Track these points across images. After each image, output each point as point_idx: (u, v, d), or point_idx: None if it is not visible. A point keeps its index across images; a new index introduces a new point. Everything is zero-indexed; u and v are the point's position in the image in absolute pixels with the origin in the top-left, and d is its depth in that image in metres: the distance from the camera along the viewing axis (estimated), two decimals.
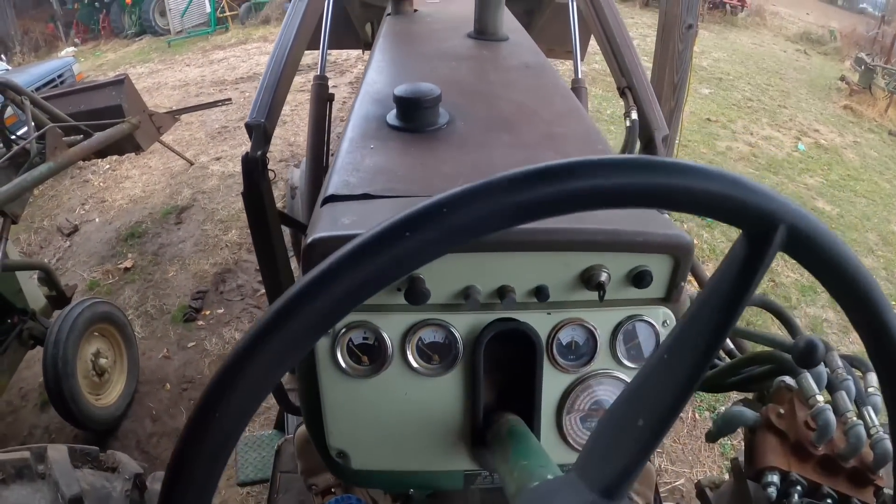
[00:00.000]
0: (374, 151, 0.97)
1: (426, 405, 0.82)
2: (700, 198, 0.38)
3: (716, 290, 0.42)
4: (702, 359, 0.42)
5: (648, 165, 0.38)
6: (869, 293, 0.41)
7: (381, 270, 0.37)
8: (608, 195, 0.37)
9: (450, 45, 1.61)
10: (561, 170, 0.37)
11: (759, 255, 0.40)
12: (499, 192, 0.37)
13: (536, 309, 0.78)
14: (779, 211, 0.39)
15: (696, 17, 3.07)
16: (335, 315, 0.37)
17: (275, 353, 0.36)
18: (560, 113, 1.18)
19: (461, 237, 0.37)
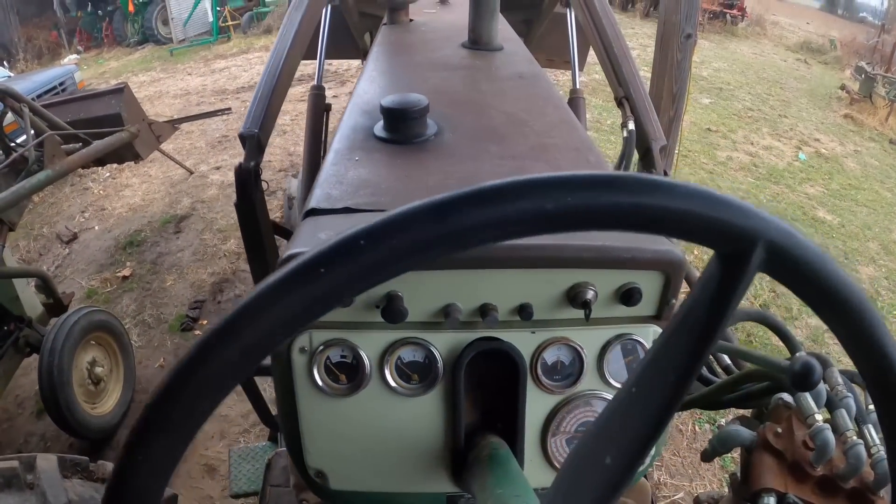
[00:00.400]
0: (358, 164, 0.95)
1: (406, 426, 0.80)
2: (666, 217, 0.33)
3: (687, 319, 0.38)
4: (673, 392, 0.38)
5: (607, 182, 0.33)
6: (864, 316, 0.37)
7: (290, 314, 0.33)
8: (558, 218, 0.33)
9: (443, 54, 1.60)
10: (501, 191, 0.33)
11: (734, 278, 0.35)
12: (426, 220, 0.33)
13: (520, 328, 0.76)
14: (755, 227, 0.34)
15: (695, 27, 3.06)
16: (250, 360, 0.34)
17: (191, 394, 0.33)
18: (552, 123, 1.16)
19: (378, 276, 0.33)
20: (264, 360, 0.35)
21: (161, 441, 0.33)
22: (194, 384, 0.33)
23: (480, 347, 0.76)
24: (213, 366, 0.33)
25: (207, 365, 0.33)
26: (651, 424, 0.39)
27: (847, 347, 0.39)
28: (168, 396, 0.33)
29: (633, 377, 0.41)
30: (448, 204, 0.33)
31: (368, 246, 0.33)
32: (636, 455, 0.39)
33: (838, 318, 0.37)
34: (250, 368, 0.34)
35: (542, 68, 1.60)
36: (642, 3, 15.85)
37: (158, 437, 0.33)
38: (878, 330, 0.37)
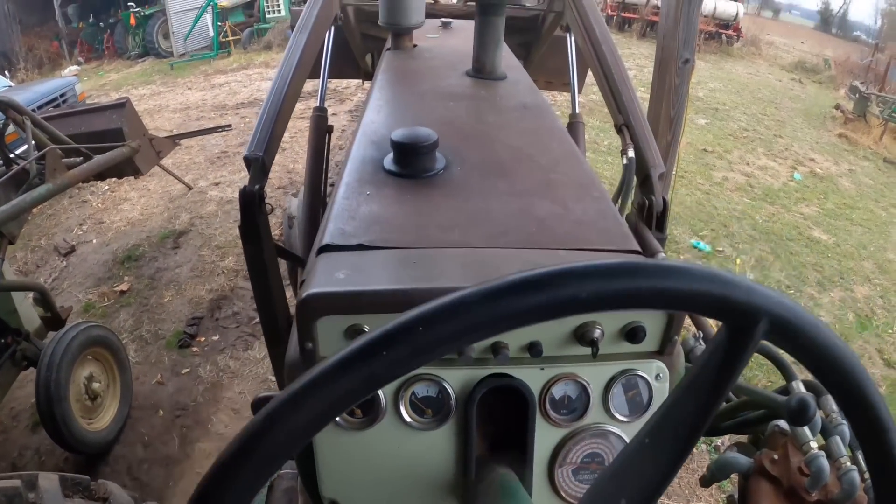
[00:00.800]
0: (370, 198, 0.97)
1: (418, 458, 0.81)
2: (682, 297, 0.39)
3: (698, 378, 0.42)
4: (683, 445, 0.42)
5: (629, 271, 0.39)
6: (856, 379, 0.41)
7: (352, 388, 0.37)
8: (591, 303, 0.38)
9: (448, 83, 1.62)
10: (539, 280, 0.38)
11: (741, 346, 0.40)
12: (477, 306, 0.37)
13: (529, 364, 0.78)
14: (760, 303, 0.39)
15: (693, 52, 3.10)
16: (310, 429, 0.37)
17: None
18: (556, 158, 1.19)
19: (430, 355, 0.37)
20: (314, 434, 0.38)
21: None
22: (259, 453, 0.36)
23: (492, 384, 0.78)
24: (281, 432, 0.36)
25: (273, 433, 0.36)
26: (662, 473, 0.43)
27: (842, 407, 0.43)
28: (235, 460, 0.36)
29: (647, 428, 0.44)
30: (496, 292, 0.37)
31: (426, 330, 0.37)
32: (648, 500, 0.43)
33: (834, 381, 0.41)
34: (309, 437, 0.38)
35: (544, 96, 1.63)
36: (639, 23, 16.03)
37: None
38: (868, 390, 0.42)
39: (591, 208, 0.99)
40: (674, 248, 5.34)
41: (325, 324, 0.72)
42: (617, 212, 1.01)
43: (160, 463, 3.10)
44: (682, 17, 3.03)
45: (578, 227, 0.93)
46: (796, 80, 15.00)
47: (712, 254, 5.38)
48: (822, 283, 5.29)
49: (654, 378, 0.80)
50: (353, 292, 0.73)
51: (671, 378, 0.80)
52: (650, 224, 1.46)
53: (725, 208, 6.39)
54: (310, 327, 0.72)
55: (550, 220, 0.94)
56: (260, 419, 0.36)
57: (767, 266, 5.34)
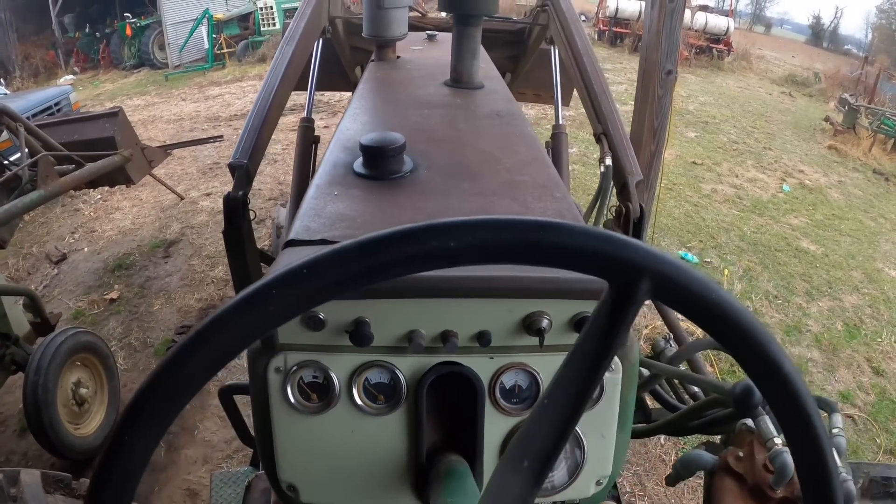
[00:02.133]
0: (337, 198, 1.01)
1: (372, 443, 0.84)
2: (566, 253, 0.40)
3: (587, 338, 0.44)
4: (576, 402, 0.44)
5: (512, 225, 0.40)
6: (745, 325, 0.42)
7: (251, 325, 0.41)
8: (473, 254, 0.40)
9: (425, 92, 1.66)
10: (420, 231, 0.41)
11: (625, 305, 0.42)
12: (356, 256, 0.41)
13: (479, 353, 0.81)
14: (641, 261, 0.40)
15: (676, 64, 3.16)
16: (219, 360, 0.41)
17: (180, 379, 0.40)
18: (523, 161, 1.22)
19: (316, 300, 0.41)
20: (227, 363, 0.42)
21: (147, 424, 0.41)
22: (175, 380, 0.40)
23: (441, 371, 0.81)
24: (192, 365, 0.40)
25: (186, 365, 0.40)
26: (558, 432, 0.45)
27: (737, 358, 0.44)
28: (157, 385, 0.40)
29: (546, 391, 0.46)
30: (374, 242, 0.41)
31: (310, 274, 0.41)
32: (546, 458, 0.45)
33: (725, 337, 0.43)
34: (219, 367, 0.42)
35: (520, 106, 1.66)
36: (630, 38, 16.17)
37: (148, 420, 0.40)
38: (761, 337, 0.42)
39: (550, 208, 1.02)
40: None
41: None
42: (577, 212, 1.04)
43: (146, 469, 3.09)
44: (664, 29, 3.09)
45: None
46: (787, 93, 15.15)
47: (700, 265, 5.42)
48: (811, 292, 5.33)
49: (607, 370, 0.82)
50: None
51: (624, 370, 0.83)
52: (627, 231, 1.49)
53: (714, 220, 6.44)
54: None
55: None
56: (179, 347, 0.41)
57: (755, 276, 5.39)
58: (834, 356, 4.54)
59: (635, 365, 0.84)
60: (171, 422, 0.41)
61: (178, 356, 0.40)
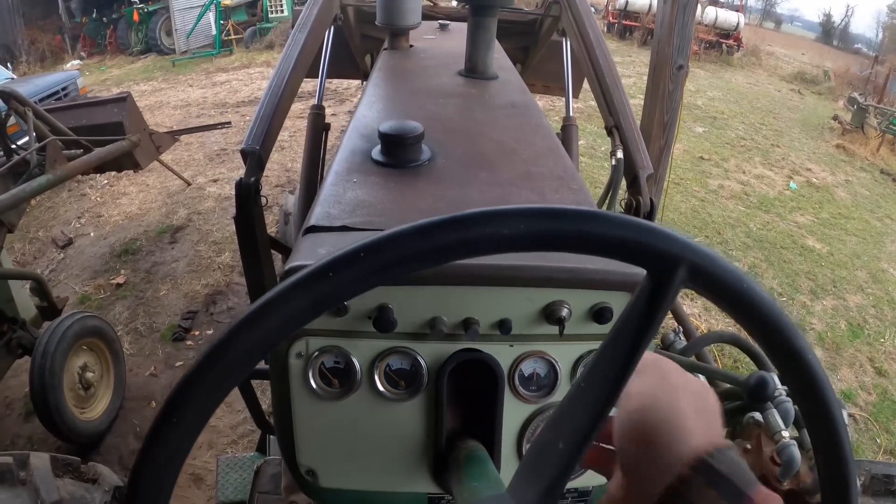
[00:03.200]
0: (356, 185, 1.01)
1: (392, 428, 0.85)
2: (607, 242, 0.42)
3: (625, 324, 0.46)
4: (612, 387, 0.46)
5: (558, 214, 0.42)
6: (774, 318, 0.44)
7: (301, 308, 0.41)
8: (515, 241, 0.41)
9: (440, 81, 1.66)
10: (472, 218, 0.42)
11: (662, 292, 0.44)
12: (412, 238, 0.42)
13: (499, 341, 0.82)
14: (679, 251, 0.42)
15: (687, 59, 3.14)
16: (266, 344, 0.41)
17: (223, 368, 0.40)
18: (539, 152, 1.22)
19: (373, 282, 0.42)
20: (265, 356, 0.42)
21: (190, 413, 0.40)
22: (216, 371, 0.40)
23: (462, 358, 0.81)
24: (236, 351, 0.40)
25: (229, 351, 0.40)
26: (594, 414, 0.46)
27: (765, 350, 0.46)
28: (197, 376, 0.40)
29: (582, 375, 0.48)
30: (430, 227, 0.42)
31: (367, 257, 0.41)
32: (582, 441, 0.46)
33: (754, 325, 0.44)
34: (261, 357, 0.42)
35: (534, 98, 1.66)
36: (640, 31, 16.10)
37: (189, 408, 0.40)
38: (790, 332, 0.45)
39: (568, 199, 1.02)
40: None
41: None
42: (593, 202, 1.04)
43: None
44: (676, 23, 3.08)
45: None
46: (795, 90, 15.08)
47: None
48: (815, 291, 5.33)
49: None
50: None
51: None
52: None
53: (720, 216, 6.43)
54: None
55: None
56: (225, 333, 0.41)
57: (760, 273, 5.38)
58: (837, 355, 4.54)
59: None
60: (220, 401, 0.42)
61: (231, 336, 0.40)
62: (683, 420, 0.48)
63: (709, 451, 0.45)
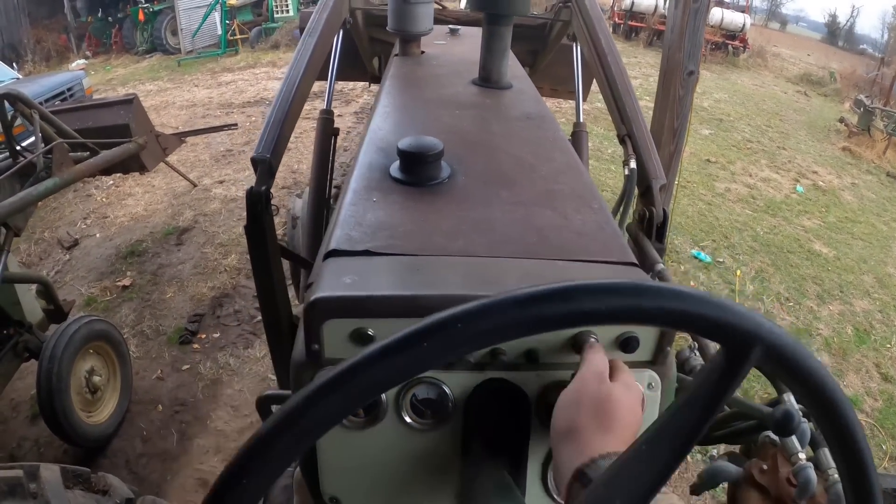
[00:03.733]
0: (376, 205, 0.99)
1: (418, 458, 0.83)
2: (687, 318, 0.44)
3: (695, 395, 0.47)
4: (677, 454, 0.46)
5: (646, 291, 0.44)
6: (839, 409, 0.46)
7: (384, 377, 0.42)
8: (604, 316, 0.43)
9: (454, 91, 1.64)
10: (557, 293, 0.43)
11: (736, 368, 0.45)
12: (492, 315, 0.43)
13: (526, 370, 0.80)
14: (755, 331, 0.44)
15: (698, 64, 3.13)
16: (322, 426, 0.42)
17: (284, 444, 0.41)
18: (558, 169, 1.21)
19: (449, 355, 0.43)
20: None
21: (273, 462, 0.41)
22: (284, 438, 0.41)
23: (489, 387, 0.80)
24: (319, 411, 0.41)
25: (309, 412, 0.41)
26: (656, 478, 0.47)
27: (825, 435, 0.48)
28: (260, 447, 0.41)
29: (645, 436, 0.48)
30: (528, 299, 0.43)
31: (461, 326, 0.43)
32: (642, 502, 0.47)
33: (818, 411, 0.46)
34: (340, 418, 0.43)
35: (547, 106, 1.64)
36: (646, 32, 16.06)
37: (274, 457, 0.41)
38: (851, 425, 0.47)
39: (590, 220, 1.01)
40: (674, 258, 5.36)
41: (331, 326, 0.75)
42: (615, 224, 1.03)
43: (158, 457, 3.12)
44: (687, 29, 3.06)
45: (578, 237, 0.95)
46: (801, 92, 15.03)
47: (712, 264, 5.40)
48: (822, 295, 5.30)
49: (647, 387, 0.82)
50: (360, 297, 0.75)
51: (663, 387, 0.82)
52: (650, 235, 1.48)
53: (727, 219, 6.40)
54: (317, 330, 0.75)
55: (550, 230, 0.96)
56: (279, 416, 0.41)
57: (767, 278, 5.36)
58: (843, 360, 4.52)
59: (673, 381, 0.84)
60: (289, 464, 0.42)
61: (318, 392, 0.41)
62: (588, 435, 0.60)
63: (593, 457, 0.56)
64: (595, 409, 0.64)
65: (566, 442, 0.63)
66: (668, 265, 5.36)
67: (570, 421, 0.64)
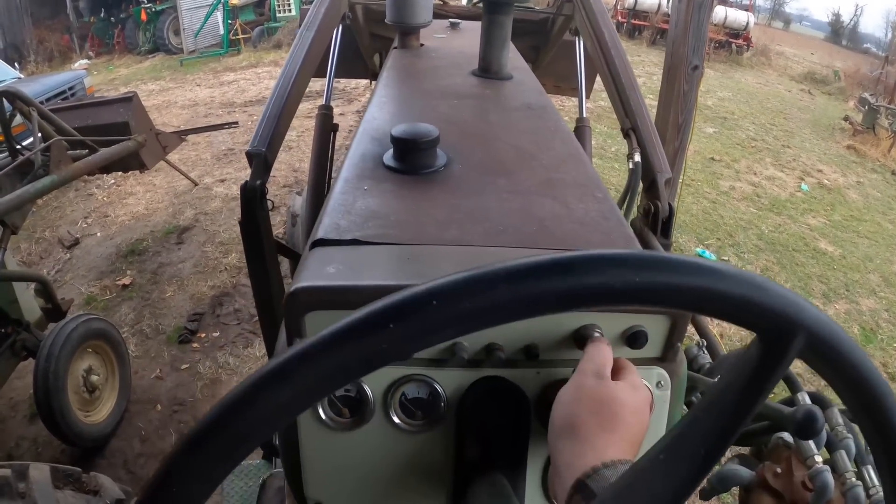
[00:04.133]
0: (367, 193, 0.95)
1: (408, 462, 0.78)
2: (710, 298, 0.36)
3: (722, 397, 0.39)
4: (701, 465, 0.39)
5: (659, 263, 0.36)
6: (890, 413, 0.39)
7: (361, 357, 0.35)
8: (612, 293, 0.36)
9: (453, 82, 1.61)
10: (577, 262, 0.36)
11: (773, 362, 0.37)
12: (498, 284, 0.36)
13: (525, 367, 0.75)
14: (798, 315, 0.36)
15: (702, 59, 3.08)
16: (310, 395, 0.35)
17: (245, 425, 0.33)
18: (559, 157, 1.16)
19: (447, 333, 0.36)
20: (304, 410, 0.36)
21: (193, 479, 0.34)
22: (232, 428, 0.33)
23: (485, 386, 0.75)
24: (264, 405, 0.34)
25: (255, 405, 0.33)
26: (675, 493, 0.39)
27: (866, 435, 0.40)
28: (208, 433, 0.34)
29: (663, 444, 0.41)
30: (523, 270, 0.36)
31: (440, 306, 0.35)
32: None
33: (865, 415, 0.39)
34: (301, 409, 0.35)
35: (549, 98, 1.61)
36: (649, 31, 16.02)
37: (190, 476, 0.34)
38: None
39: (593, 209, 0.96)
40: None
41: (314, 318, 0.70)
42: (620, 213, 0.98)
43: (156, 457, 3.09)
44: (691, 23, 3.02)
45: (580, 227, 0.91)
46: (806, 90, 14.98)
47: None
48: (828, 294, 5.26)
49: (656, 385, 0.77)
50: (343, 287, 0.71)
51: (673, 386, 0.77)
52: (655, 229, 1.44)
53: (732, 217, 6.36)
54: (298, 322, 0.70)
55: (551, 219, 0.92)
56: (241, 389, 0.34)
57: (773, 276, 5.31)
58: None
59: (683, 380, 0.79)
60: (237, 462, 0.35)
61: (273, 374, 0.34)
62: (591, 435, 0.56)
63: (595, 466, 0.51)
64: (596, 406, 0.59)
65: (564, 439, 0.58)
66: None
67: (570, 417, 0.60)
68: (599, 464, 0.52)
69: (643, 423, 0.61)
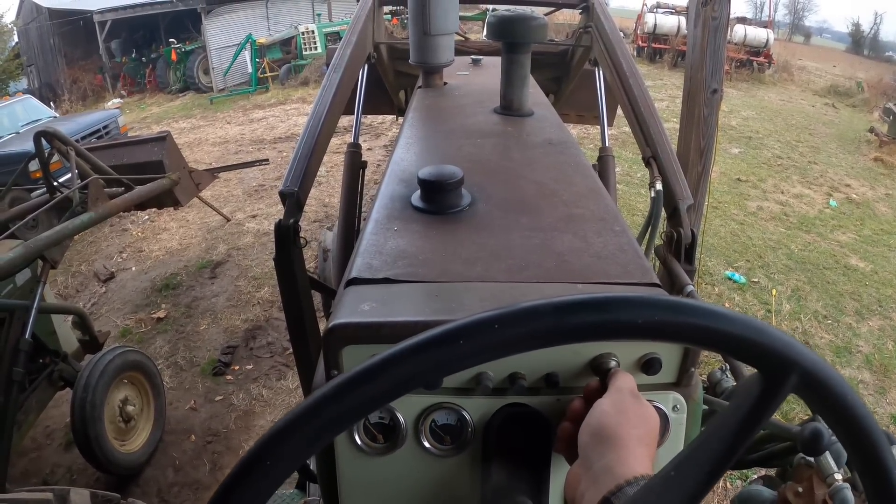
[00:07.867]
0: (397, 234, 1.01)
1: (438, 485, 0.83)
2: (724, 339, 0.44)
3: (728, 419, 0.46)
4: (707, 480, 0.45)
5: (685, 309, 0.44)
6: (875, 447, 0.44)
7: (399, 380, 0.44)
8: (645, 331, 0.44)
9: (476, 120, 1.66)
10: (599, 303, 0.43)
11: (771, 394, 0.44)
12: (536, 318, 0.44)
13: (546, 394, 0.79)
14: (794, 357, 0.43)
15: (721, 82, 3.10)
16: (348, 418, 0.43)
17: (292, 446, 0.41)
18: (580, 193, 1.20)
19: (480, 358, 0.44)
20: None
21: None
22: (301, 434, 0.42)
23: (509, 413, 0.79)
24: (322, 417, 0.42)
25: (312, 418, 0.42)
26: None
27: (858, 470, 0.47)
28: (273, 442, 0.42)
29: (674, 462, 0.47)
30: (567, 306, 0.44)
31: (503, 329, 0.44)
32: None
33: (852, 444, 0.45)
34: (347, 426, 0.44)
35: (570, 132, 1.64)
36: (670, 54, 16.02)
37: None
38: (885, 462, 0.45)
39: (611, 242, 1.00)
40: (708, 280, 5.26)
41: (350, 352, 0.76)
42: (637, 245, 1.02)
43: (190, 486, 3.14)
44: (708, 47, 3.05)
45: (598, 260, 0.95)
46: (829, 104, 14.79)
47: (747, 285, 5.29)
48: (861, 311, 5.15)
49: (672, 409, 0.80)
50: (377, 323, 0.76)
51: (689, 409, 0.80)
52: (679, 256, 1.46)
53: (760, 238, 6.29)
54: (336, 355, 0.76)
55: (570, 254, 0.96)
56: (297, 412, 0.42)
57: (804, 296, 5.23)
58: (885, 377, 4.36)
59: (699, 403, 0.82)
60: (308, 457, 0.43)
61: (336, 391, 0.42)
62: (633, 446, 0.60)
63: (627, 479, 0.54)
64: (638, 421, 0.64)
65: (605, 445, 0.62)
66: (701, 288, 5.24)
67: (614, 426, 0.63)
68: (623, 481, 0.56)
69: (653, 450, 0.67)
